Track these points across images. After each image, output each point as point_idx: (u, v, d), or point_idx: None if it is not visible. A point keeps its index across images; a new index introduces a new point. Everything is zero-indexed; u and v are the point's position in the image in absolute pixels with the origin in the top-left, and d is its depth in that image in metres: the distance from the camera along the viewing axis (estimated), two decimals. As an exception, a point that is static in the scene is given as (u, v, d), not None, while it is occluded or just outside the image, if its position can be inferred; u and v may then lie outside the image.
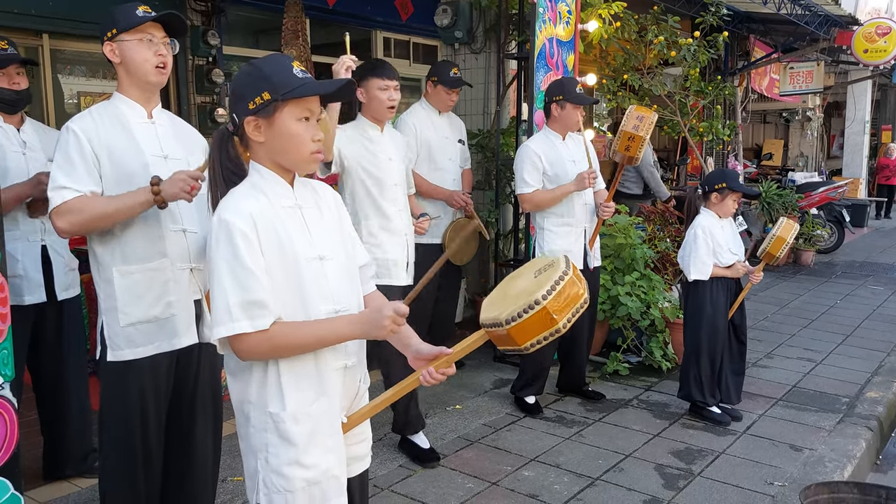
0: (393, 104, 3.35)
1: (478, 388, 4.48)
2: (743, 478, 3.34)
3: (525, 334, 1.59)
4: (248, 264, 1.58)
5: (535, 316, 1.56)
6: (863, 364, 5.05)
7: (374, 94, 3.32)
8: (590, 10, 5.18)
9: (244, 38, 6.84)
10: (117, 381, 2.31)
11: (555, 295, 1.56)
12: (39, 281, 3.04)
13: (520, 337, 1.59)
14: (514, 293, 1.68)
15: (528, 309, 1.56)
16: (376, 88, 3.31)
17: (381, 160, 3.37)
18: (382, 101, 3.32)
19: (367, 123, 3.41)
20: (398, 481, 3.26)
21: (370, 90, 3.32)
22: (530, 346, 1.61)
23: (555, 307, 1.56)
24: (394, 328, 1.63)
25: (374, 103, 3.33)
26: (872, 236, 11.79)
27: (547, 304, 1.55)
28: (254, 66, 1.68)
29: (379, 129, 3.41)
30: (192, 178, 2.18)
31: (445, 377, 1.70)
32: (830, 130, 18.88)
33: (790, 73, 12.31)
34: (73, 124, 2.26)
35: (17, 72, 3.04)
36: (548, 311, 1.56)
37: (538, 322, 1.57)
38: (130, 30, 2.27)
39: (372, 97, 3.33)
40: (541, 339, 1.60)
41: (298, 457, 1.66)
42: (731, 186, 3.86)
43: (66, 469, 3.23)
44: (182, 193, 2.17)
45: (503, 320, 1.59)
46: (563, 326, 1.59)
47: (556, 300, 1.57)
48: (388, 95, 3.32)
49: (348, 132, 3.34)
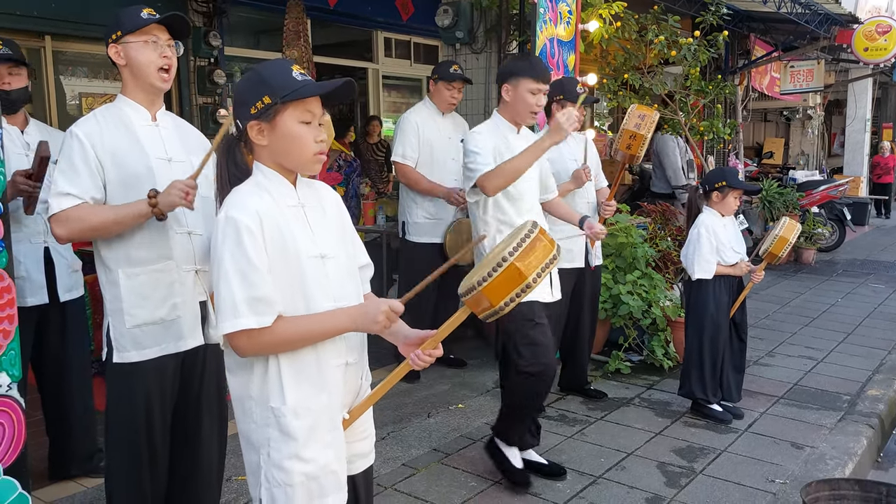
0: (538, 111, 3.10)
1: (480, 388, 4.49)
2: (744, 475, 3.35)
3: (498, 293, 1.65)
4: (254, 261, 1.60)
5: (505, 273, 1.64)
6: (864, 362, 5.06)
7: (522, 96, 3.04)
8: (590, 10, 5.20)
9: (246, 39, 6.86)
10: (123, 382, 2.33)
11: (521, 251, 1.64)
12: (42, 282, 3.05)
13: (493, 296, 1.66)
14: (486, 261, 1.75)
15: (496, 267, 1.64)
16: (526, 90, 3.03)
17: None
18: (529, 104, 3.05)
19: (505, 125, 3.15)
20: (401, 480, 3.28)
21: (519, 89, 3.04)
22: (505, 306, 1.67)
23: (522, 262, 1.64)
24: (387, 324, 1.65)
25: (520, 105, 3.06)
26: (873, 234, 11.79)
27: (514, 261, 1.63)
28: (254, 72, 1.71)
29: (516, 132, 3.16)
30: (187, 186, 2.19)
31: (433, 359, 1.73)
32: (831, 129, 18.88)
33: (791, 71, 12.33)
34: (78, 129, 2.26)
35: (10, 71, 3.01)
36: (515, 267, 1.63)
37: (508, 279, 1.64)
38: (135, 32, 2.28)
39: (519, 98, 3.06)
40: (513, 297, 1.66)
41: (298, 451, 1.68)
42: (731, 184, 3.87)
43: (71, 469, 3.24)
44: (179, 201, 2.18)
45: (475, 283, 1.66)
46: (534, 281, 1.66)
47: (524, 256, 1.64)
48: (537, 101, 3.06)
49: (484, 134, 3.08)
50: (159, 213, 2.21)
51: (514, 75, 3.05)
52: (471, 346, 5.14)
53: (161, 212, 2.21)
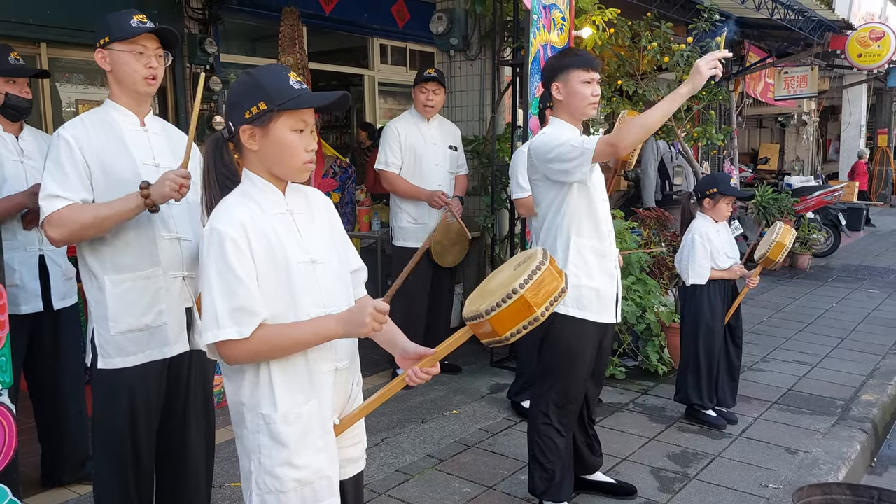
0: (596, 101, 2.83)
1: (475, 393, 4.49)
2: (738, 480, 3.35)
3: (505, 324, 1.63)
4: (237, 272, 1.61)
5: (514, 305, 1.61)
6: (858, 367, 5.07)
7: (575, 89, 2.79)
8: (584, 17, 5.22)
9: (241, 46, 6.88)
10: (108, 388, 2.32)
11: (532, 284, 1.62)
12: (36, 290, 3.05)
13: (500, 327, 1.63)
14: (494, 286, 1.73)
15: (506, 298, 1.61)
16: (579, 82, 2.78)
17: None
18: (585, 96, 2.79)
19: (566, 126, 2.86)
20: (395, 486, 3.27)
21: (571, 84, 2.80)
22: (510, 336, 1.65)
23: (532, 295, 1.61)
24: (375, 326, 1.64)
25: (576, 100, 2.80)
26: (868, 240, 11.82)
27: (524, 293, 1.61)
28: (251, 76, 1.71)
29: (579, 132, 2.89)
30: (181, 176, 2.18)
31: (430, 376, 1.73)
32: (826, 134, 18.97)
33: (785, 77, 12.38)
34: (65, 132, 2.25)
35: (26, 82, 3.08)
36: (525, 300, 1.61)
37: (517, 311, 1.62)
38: (123, 41, 2.28)
39: (572, 92, 2.80)
40: (520, 329, 1.64)
41: (290, 457, 1.69)
42: (722, 191, 3.90)
43: (63, 476, 3.24)
44: (171, 192, 2.16)
45: (483, 311, 1.63)
46: (542, 315, 1.64)
47: (534, 289, 1.62)
48: (592, 90, 2.80)
49: (552, 128, 2.85)
50: (151, 203, 2.18)
51: (562, 70, 2.81)
52: (465, 352, 5.15)
53: (153, 203, 2.19)
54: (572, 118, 2.88)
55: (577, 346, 2.89)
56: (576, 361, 2.90)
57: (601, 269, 2.89)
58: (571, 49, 3.18)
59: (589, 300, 2.86)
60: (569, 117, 2.88)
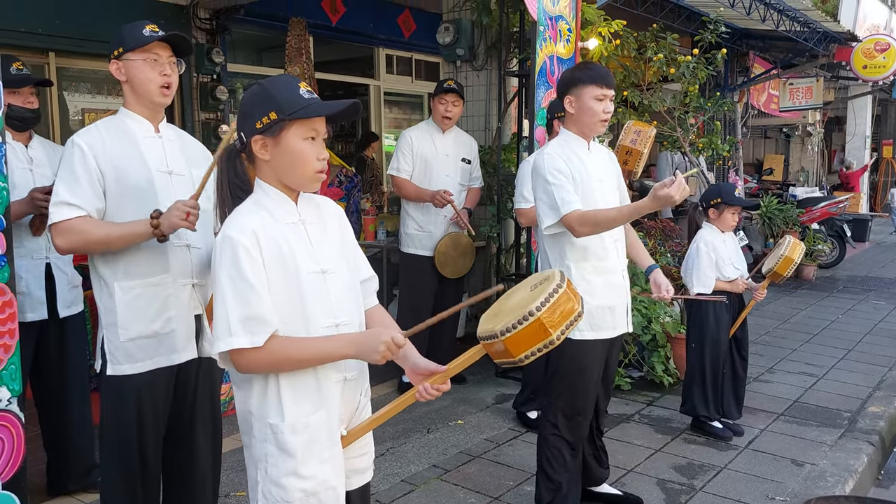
0: (607, 118, 2.87)
1: (480, 404, 4.48)
2: (744, 493, 3.33)
3: (519, 346, 1.62)
4: (249, 279, 1.61)
5: (530, 327, 1.59)
6: (864, 379, 5.05)
7: (587, 104, 2.83)
8: (590, 28, 5.24)
9: (248, 56, 6.93)
10: (116, 395, 2.32)
11: (549, 307, 1.60)
12: (42, 298, 3.06)
13: (514, 348, 1.62)
14: (510, 307, 1.71)
15: (522, 320, 1.59)
16: (591, 97, 2.82)
17: (592, 182, 2.88)
18: (596, 112, 2.83)
19: (574, 139, 2.93)
20: (400, 496, 3.26)
21: (583, 99, 2.83)
22: (524, 358, 1.64)
23: (548, 318, 1.60)
24: (387, 356, 1.64)
25: (587, 115, 2.84)
26: (874, 251, 11.79)
27: (541, 316, 1.59)
28: (262, 87, 1.72)
29: (587, 146, 2.93)
30: (189, 206, 2.19)
31: (441, 393, 1.73)
32: (831, 145, 18.94)
33: (789, 88, 12.39)
34: (79, 139, 2.27)
35: (31, 91, 3.10)
36: (542, 323, 1.59)
37: (532, 333, 1.60)
38: (137, 49, 2.30)
39: (584, 107, 2.84)
40: (535, 351, 1.63)
41: (296, 468, 1.68)
42: (726, 201, 3.90)
43: (69, 484, 3.24)
44: (180, 222, 2.18)
45: (498, 332, 1.62)
46: (557, 338, 1.62)
47: (550, 312, 1.60)
48: (604, 107, 2.84)
49: (554, 155, 2.87)
50: (160, 234, 2.21)
51: (575, 84, 2.84)
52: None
53: (162, 233, 2.21)
54: (581, 132, 2.92)
55: (585, 358, 2.91)
56: (583, 371, 2.91)
57: (606, 285, 2.90)
58: (588, 63, 3.18)
59: (602, 318, 2.89)
60: (578, 131, 2.92)
